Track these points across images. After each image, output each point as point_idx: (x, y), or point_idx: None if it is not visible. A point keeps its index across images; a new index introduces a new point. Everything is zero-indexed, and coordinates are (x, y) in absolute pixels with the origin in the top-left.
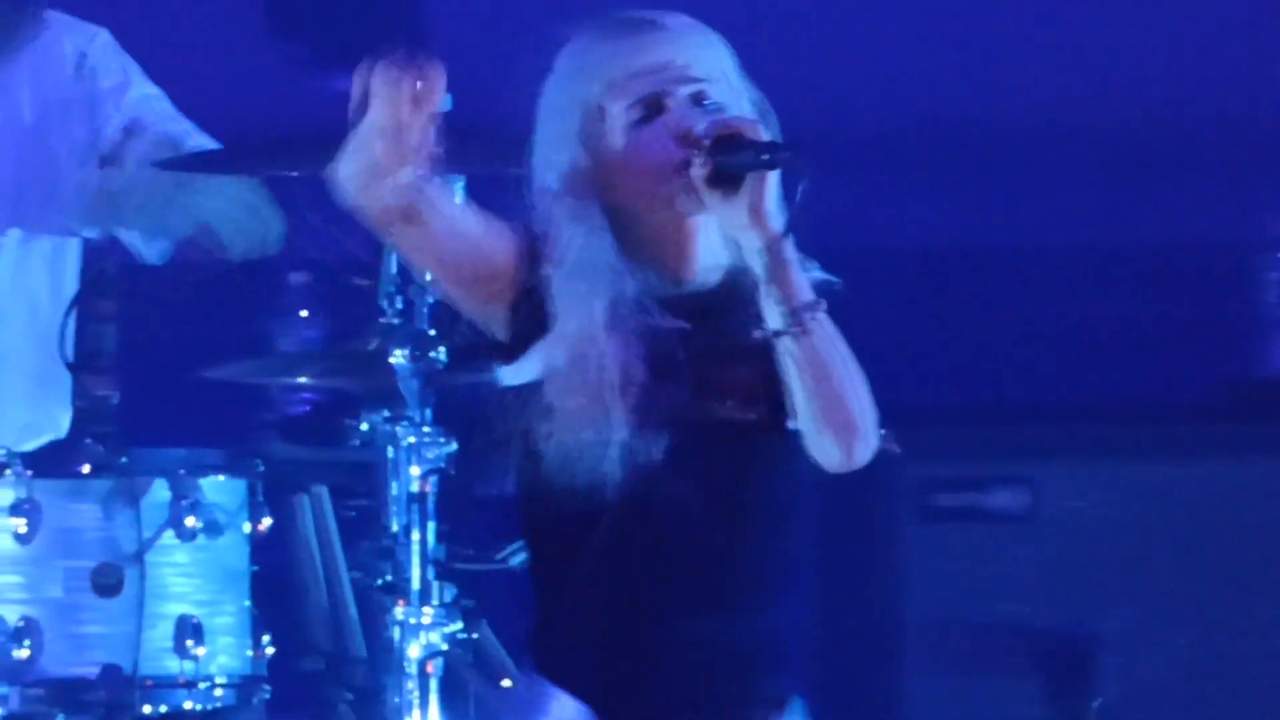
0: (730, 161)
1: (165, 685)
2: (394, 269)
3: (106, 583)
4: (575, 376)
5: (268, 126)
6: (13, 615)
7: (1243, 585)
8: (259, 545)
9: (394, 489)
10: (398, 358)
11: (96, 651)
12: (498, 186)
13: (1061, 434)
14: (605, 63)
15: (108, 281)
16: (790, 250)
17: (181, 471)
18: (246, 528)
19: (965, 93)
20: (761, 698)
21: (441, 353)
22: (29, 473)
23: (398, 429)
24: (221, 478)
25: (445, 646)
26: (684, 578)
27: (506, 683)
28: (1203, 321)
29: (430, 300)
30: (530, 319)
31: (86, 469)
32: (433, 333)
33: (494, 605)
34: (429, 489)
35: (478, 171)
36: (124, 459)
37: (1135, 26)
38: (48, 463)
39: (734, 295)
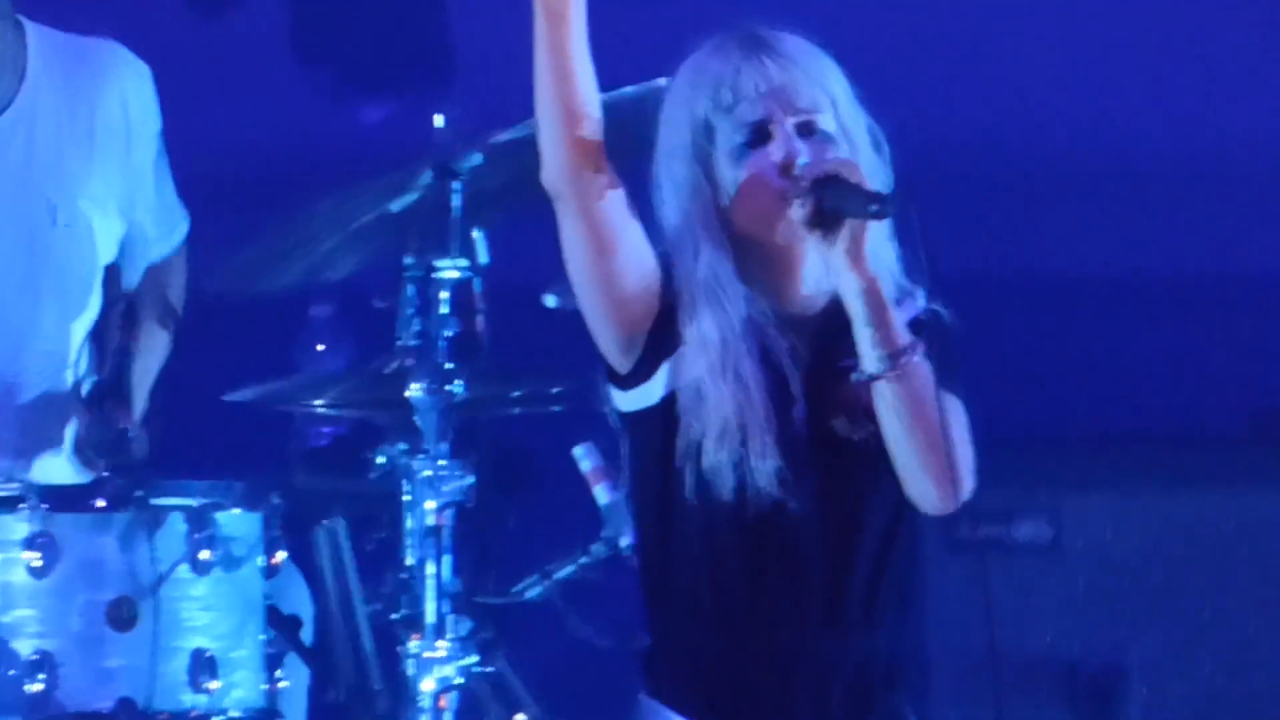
0: (830, 204)
1: (180, 719)
2: (412, 302)
3: (122, 616)
4: (721, 389)
5: (294, 156)
6: (28, 648)
7: (1269, 615)
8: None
9: (410, 522)
10: (415, 390)
11: (112, 685)
12: (514, 220)
13: (1086, 464)
14: (717, 81)
15: (129, 313)
16: (888, 292)
17: (198, 504)
18: (262, 561)
19: (994, 121)
20: (880, 717)
21: (459, 386)
22: (45, 506)
23: (414, 462)
24: (238, 511)
25: (460, 680)
26: (803, 595)
27: (522, 717)
28: (1227, 351)
29: (449, 333)
30: (663, 338)
31: (102, 503)
32: (451, 365)
33: (512, 638)
34: (445, 522)
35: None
36: (140, 492)
37: (1165, 57)
38: (64, 496)
39: (841, 319)
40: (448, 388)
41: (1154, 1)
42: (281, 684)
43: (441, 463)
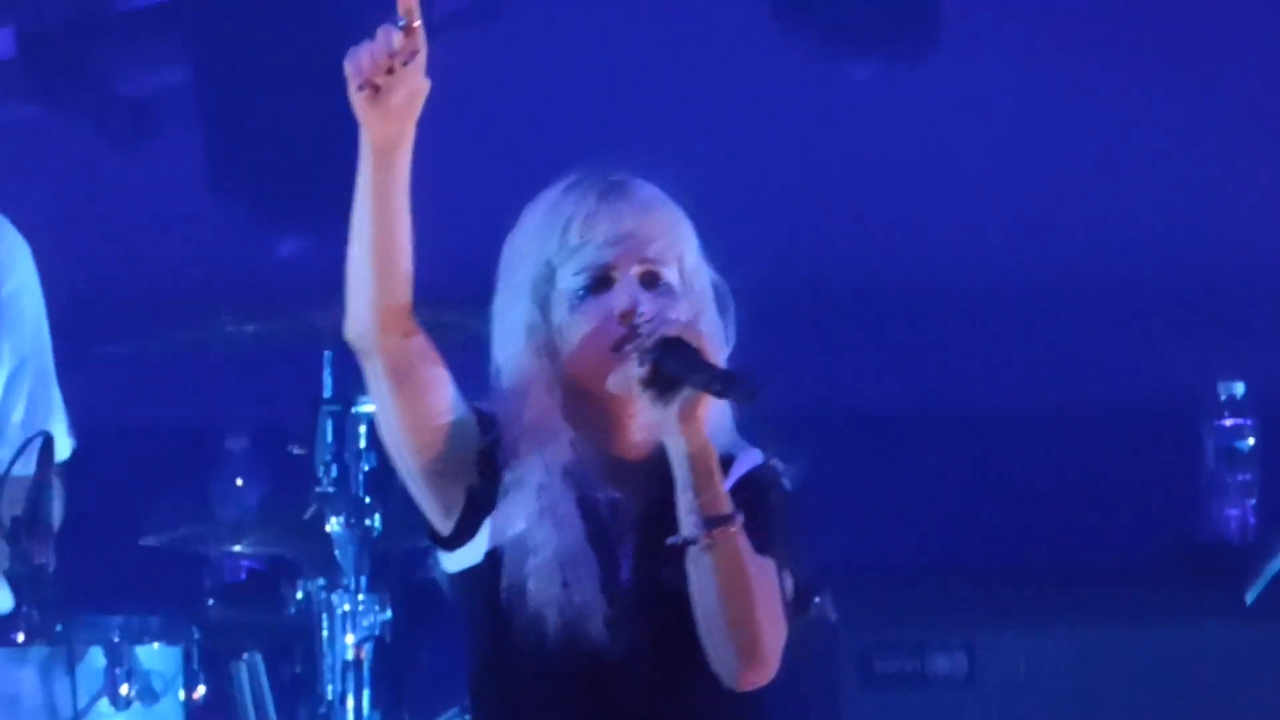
0: (670, 370)
1: None
2: (329, 436)
3: None
4: (539, 534)
5: (213, 285)
6: None
7: None
8: (195, 713)
9: (329, 656)
10: (334, 525)
11: None
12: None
13: (1001, 598)
14: (563, 222)
15: (46, 448)
16: (713, 461)
17: (117, 639)
18: (182, 695)
19: (911, 256)
20: None
21: (377, 520)
22: None
23: (333, 596)
24: (157, 645)
25: None
26: None
27: None
28: (1143, 486)
29: (366, 467)
30: (483, 496)
31: (21, 636)
32: (368, 500)
33: None
34: (364, 656)
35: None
36: (60, 626)
37: (1080, 193)
38: None
39: (666, 472)
40: (366, 522)
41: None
42: None
43: (360, 597)
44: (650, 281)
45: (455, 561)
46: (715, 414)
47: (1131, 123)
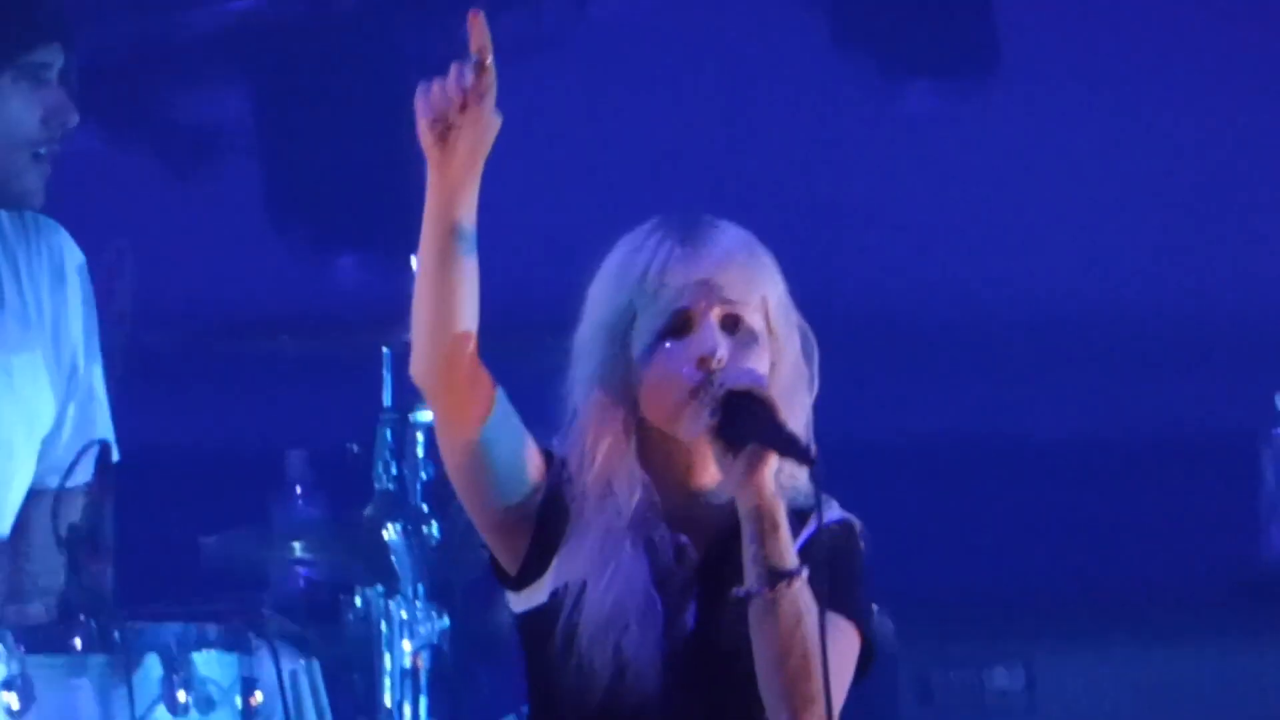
0: (739, 426)
1: None
2: (388, 444)
3: None
4: (601, 578)
5: (267, 309)
6: None
7: None
8: None
9: (387, 663)
10: (391, 533)
11: None
12: (487, 361)
13: (1061, 615)
14: (646, 265)
15: (105, 460)
16: (780, 515)
17: (174, 647)
18: (239, 702)
19: (969, 284)
20: None
21: (435, 528)
22: (21, 648)
23: (391, 604)
24: (214, 652)
25: None
26: None
27: None
28: (1204, 508)
29: (424, 476)
30: (550, 536)
31: (78, 644)
32: (426, 508)
33: None
34: (422, 664)
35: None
36: (116, 634)
37: (1131, 213)
38: (39, 638)
39: (736, 519)
40: (424, 530)
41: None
42: None
43: (418, 604)
44: (731, 326)
45: (520, 602)
46: (790, 470)
47: (1178, 148)
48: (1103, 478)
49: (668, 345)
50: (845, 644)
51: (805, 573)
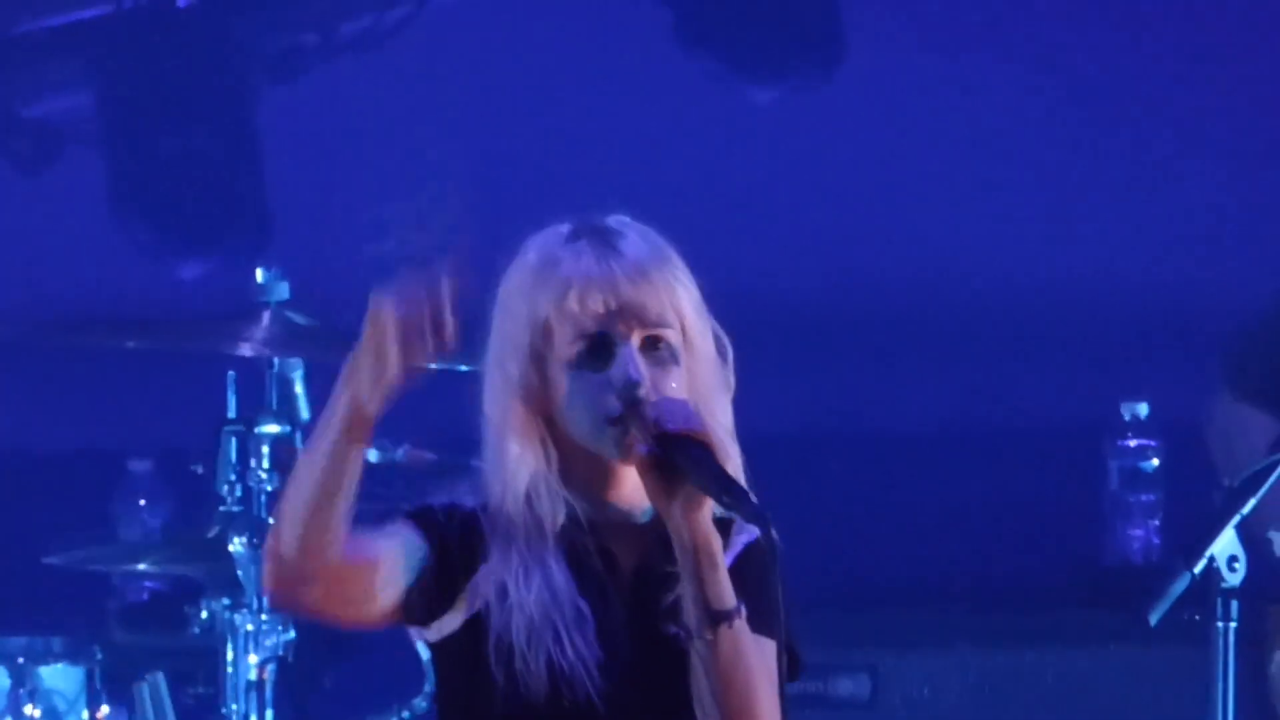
0: (681, 467)
1: None
2: (233, 455)
3: None
4: (526, 593)
5: (115, 306)
6: None
7: None
8: None
9: (233, 676)
10: (237, 545)
11: None
12: (335, 375)
13: (904, 622)
14: (564, 284)
15: None
16: (718, 554)
17: (21, 659)
18: (85, 715)
19: (822, 276)
20: None
21: None
22: None
23: (237, 616)
24: (61, 665)
25: None
26: None
27: None
28: (1046, 507)
29: (269, 488)
30: (450, 573)
31: None
32: (271, 520)
33: None
34: (267, 676)
35: (317, 359)
36: None
37: (984, 214)
38: None
39: (662, 532)
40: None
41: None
42: None
43: (263, 617)
44: (651, 346)
45: (433, 633)
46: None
47: (1035, 142)
48: (947, 474)
49: (587, 372)
50: (774, 670)
51: (743, 610)
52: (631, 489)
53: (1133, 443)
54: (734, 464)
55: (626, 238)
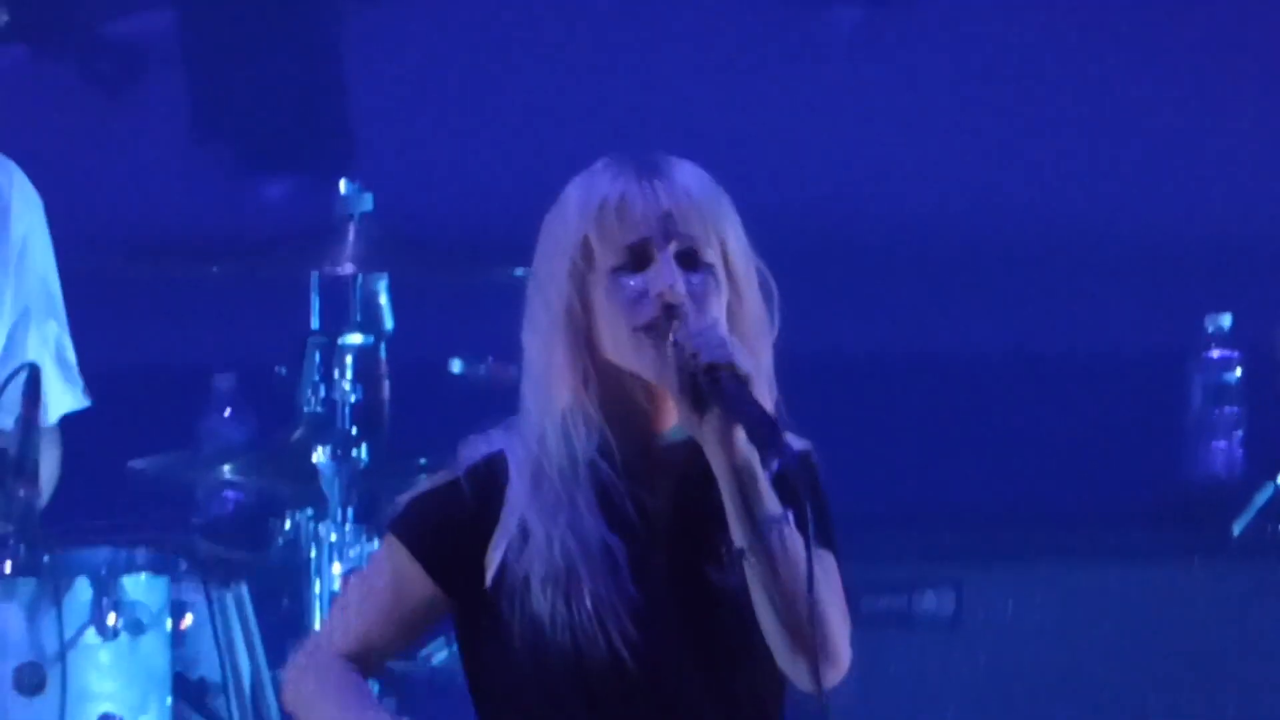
0: (713, 398)
1: None
2: (316, 367)
3: (29, 683)
4: (551, 532)
5: (194, 230)
6: None
7: (1170, 689)
8: (181, 644)
9: (317, 587)
10: (320, 456)
11: None
12: (419, 287)
13: (988, 538)
14: (603, 201)
15: (35, 383)
16: (757, 467)
17: (104, 571)
18: (169, 626)
19: (902, 202)
20: None
21: (364, 451)
22: None
23: (320, 527)
24: (144, 576)
25: None
26: None
27: None
28: (1131, 424)
29: (353, 399)
30: (478, 555)
31: (8, 568)
32: (355, 431)
33: (417, 703)
34: None
35: (401, 272)
36: (47, 558)
37: (1066, 132)
38: None
39: (701, 467)
40: (353, 453)
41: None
42: None
43: (347, 528)
44: (690, 262)
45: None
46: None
47: (1112, 67)
48: (1031, 396)
49: (625, 280)
50: (835, 576)
51: (791, 516)
52: (669, 419)
53: (1215, 354)
54: (771, 402)
55: (672, 164)
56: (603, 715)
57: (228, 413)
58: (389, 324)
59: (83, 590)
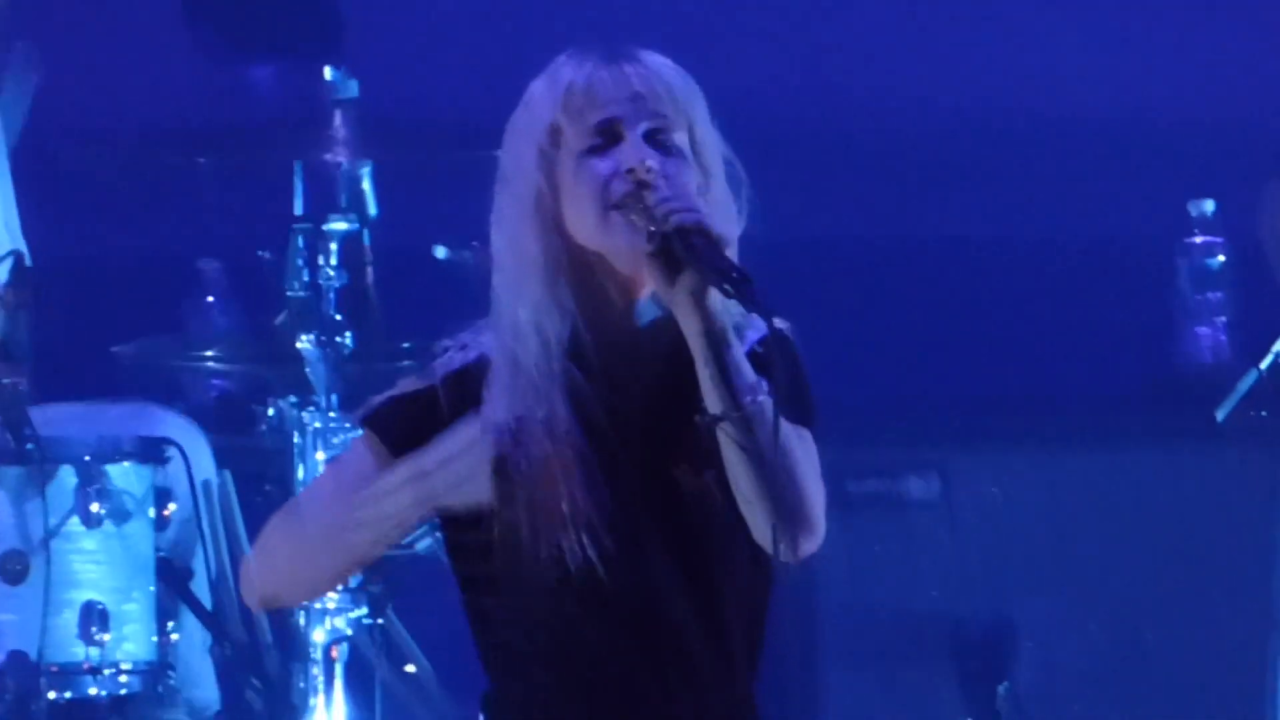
0: (683, 259)
1: (71, 672)
2: (300, 253)
3: (13, 569)
4: (535, 440)
5: (180, 116)
6: None
7: (1156, 573)
8: (165, 531)
9: (301, 473)
10: (304, 343)
11: (3, 638)
12: (402, 173)
13: (975, 422)
14: (570, 84)
15: (21, 270)
16: (729, 332)
17: (88, 458)
18: (151, 514)
19: (890, 90)
20: None
21: (348, 338)
22: None
23: (304, 414)
24: (128, 464)
25: (350, 632)
26: (645, 644)
27: (411, 668)
28: (1115, 309)
29: (337, 285)
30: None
31: None
32: (339, 317)
33: (401, 590)
34: None
35: (384, 158)
36: (30, 446)
37: (1042, 23)
38: None
39: (680, 355)
40: (337, 340)
41: None
42: (173, 636)
43: (331, 414)
44: (659, 142)
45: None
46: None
47: None
48: (1017, 282)
49: (594, 160)
50: (813, 449)
51: (765, 384)
52: (643, 303)
53: (1199, 239)
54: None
55: (638, 50)
56: (582, 619)
57: (212, 300)
58: (373, 210)
59: (67, 478)
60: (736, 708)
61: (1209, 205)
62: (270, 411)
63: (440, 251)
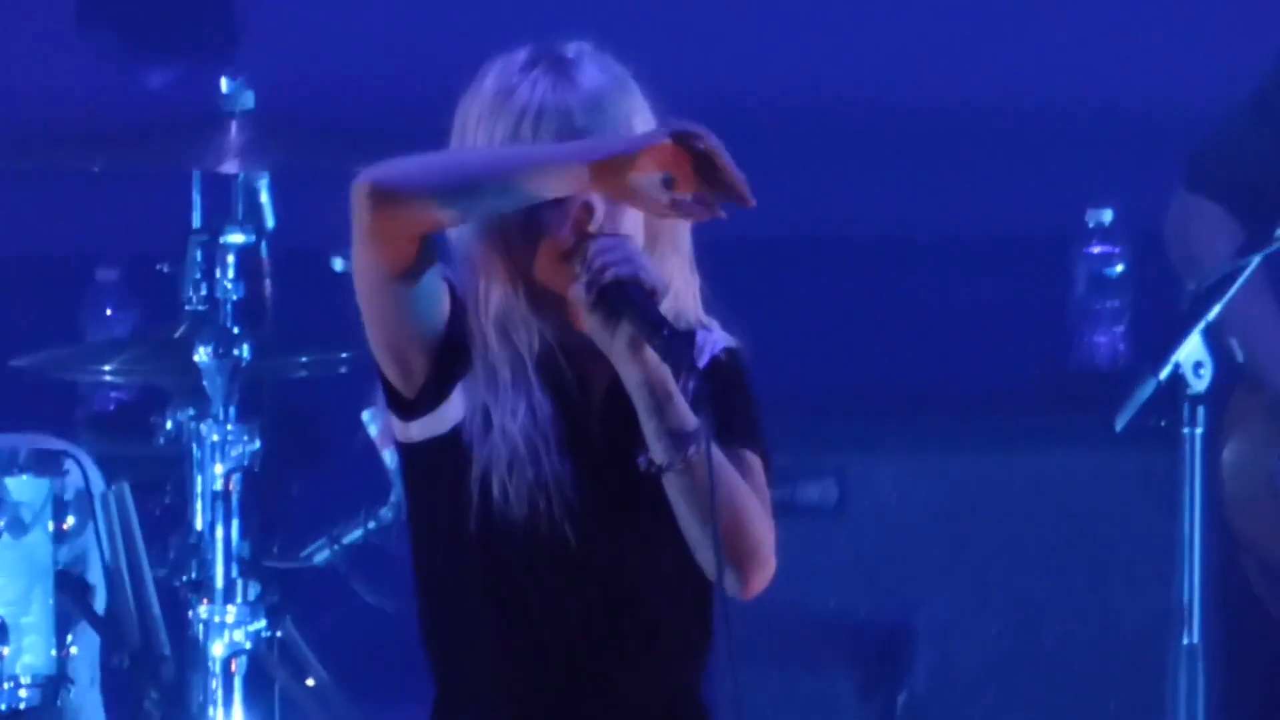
0: (617, 311)
1: None
2: (198, 265)
3: None
4: (510, 420)
5: (75, 120)
6: None
7: (1054, 576)
8: (62, 544)
9: (199, 486)
10: (202, 355)
11: None
12: (301, 185)
13: (870, 426)
14: (520, 112)
15: None
16: (669, 383)
17: None
18: (50, 527)
19: (796, 81)
20: None
21: (245, 349)
22: None
23: (202, 426)
24: (25, 477)
25: (249, 645)
26: (600, 632)
27: (310, 681)
28: (1011, 313)
29: (235, 297)
30: (453, 361)
31: None
32: (236, 330)
33: (299, 602)
34: (233, 487)
35: (282, 171)
36: None
37: (948, 19)
38: None
39: None
40: (234, 352)
41: None
42: (71, 649)
43: (229, 427)
44: None
45: (416, 430)
46: (680, 284)
47: None
48: (914, 281)
49: (542, 208)
50: (760, 478)
51: (707, 430)
52: None
53: (1097, 249)
54: (692, 293)
55: (583, 68)
56: (551, 584)
57: (109, 310)
58: (270, 222)
59: None
60: (692, 689)
61: (1107, 215)
62: (168, 423)
63: (338, 264)
